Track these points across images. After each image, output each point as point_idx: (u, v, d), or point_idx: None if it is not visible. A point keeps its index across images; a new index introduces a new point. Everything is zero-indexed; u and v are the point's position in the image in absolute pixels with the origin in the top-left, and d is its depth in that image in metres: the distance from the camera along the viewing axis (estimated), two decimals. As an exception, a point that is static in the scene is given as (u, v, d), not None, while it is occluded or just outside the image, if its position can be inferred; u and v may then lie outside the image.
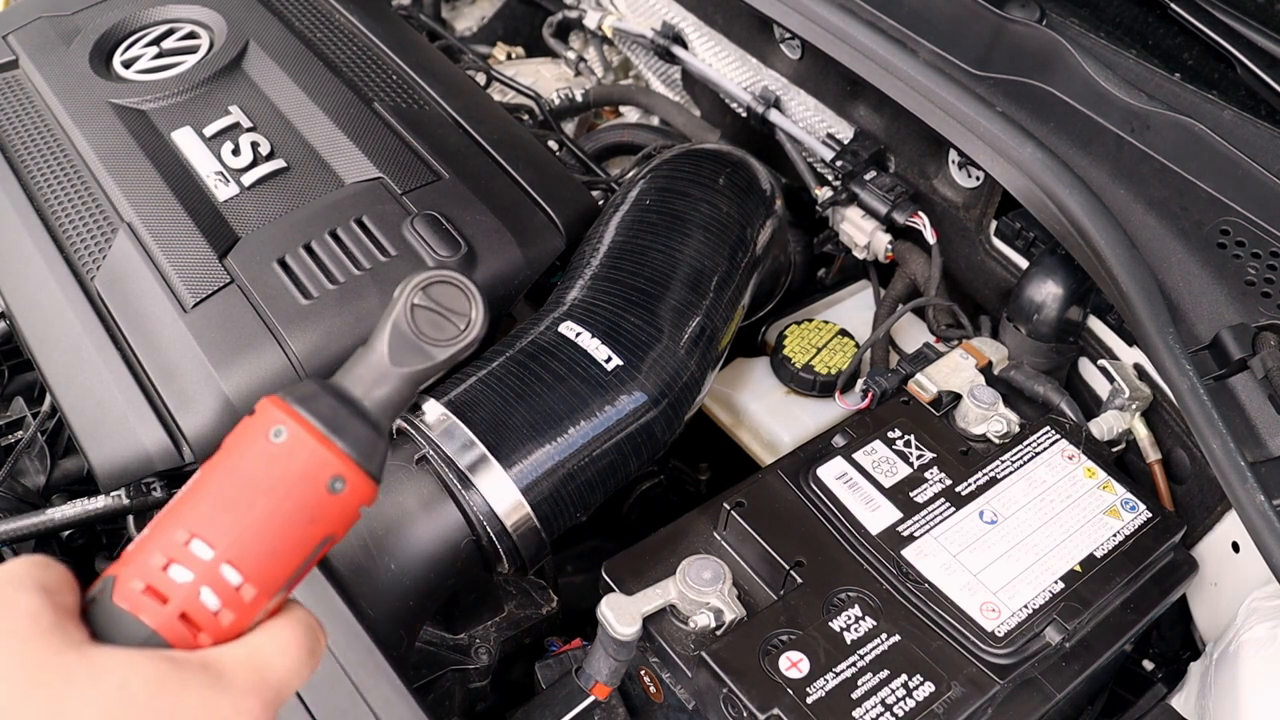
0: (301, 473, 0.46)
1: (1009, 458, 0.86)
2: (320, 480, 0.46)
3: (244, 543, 0.45)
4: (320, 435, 0.46)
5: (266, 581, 0.46)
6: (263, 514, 0.45)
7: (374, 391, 0.49)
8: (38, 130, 1.02)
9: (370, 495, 0.48)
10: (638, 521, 1.07)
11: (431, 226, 0.90)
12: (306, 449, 0.46)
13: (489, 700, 0.88)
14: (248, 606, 0.45)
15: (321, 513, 0.46)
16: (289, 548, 0.46)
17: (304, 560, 0.47)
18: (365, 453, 0.47)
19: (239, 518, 0.45)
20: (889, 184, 1.11)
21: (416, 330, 0.50)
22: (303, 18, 1.15)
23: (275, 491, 0.46)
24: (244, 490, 0.46)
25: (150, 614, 0.44)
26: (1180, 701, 0.86)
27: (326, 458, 0.46)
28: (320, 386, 0.48)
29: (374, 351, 0.50)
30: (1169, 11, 0.98)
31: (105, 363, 0.85)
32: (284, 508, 0.46)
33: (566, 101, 1.42)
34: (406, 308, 0.50)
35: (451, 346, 0.50)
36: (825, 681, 0.70)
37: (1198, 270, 0.85)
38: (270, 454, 0.46)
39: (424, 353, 0.50)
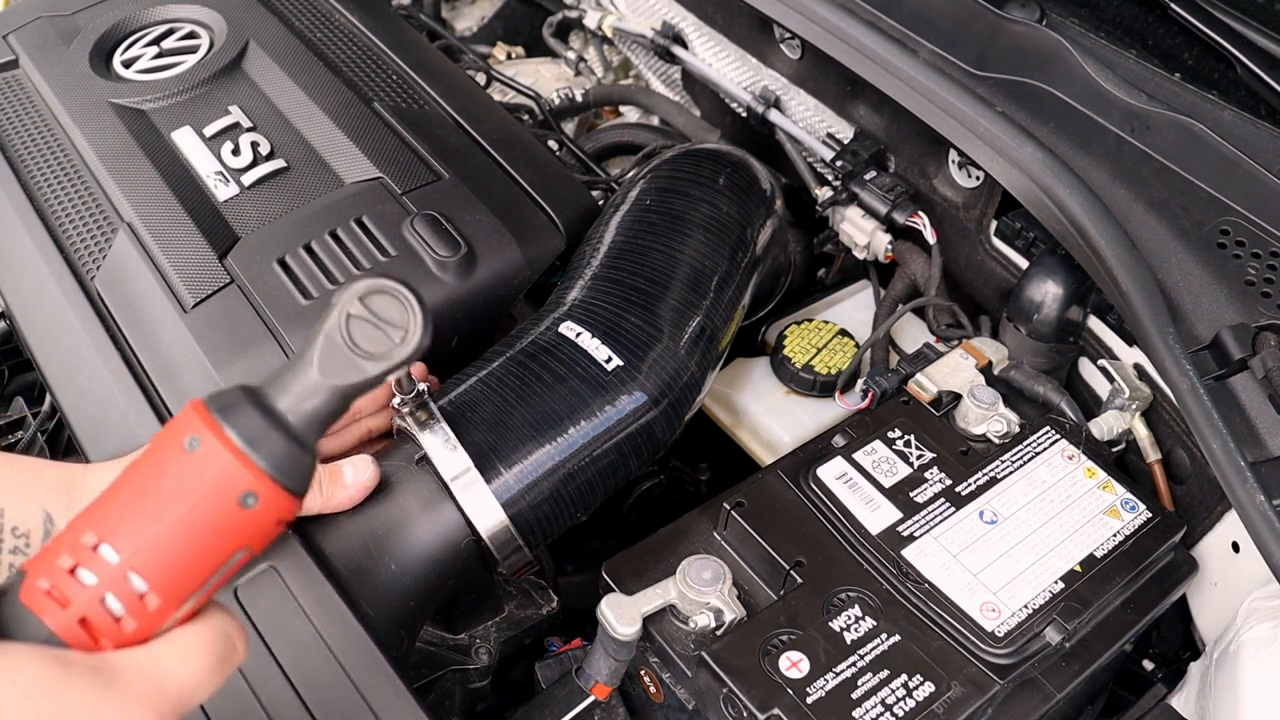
0: (211, 486, 0.45)
1: (1009, 458, 0.86)
2: (231, 494, 0.45)
3: (150, 551, 0.44)
4: (234, 448, 0.45)
5: (172, 591, 0.45)
6: (171, 524, 0.44)
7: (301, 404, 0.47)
8: (38, 130, 1.02)
9: (289, 510, 0.46)
10: (638, 521, 1.07)
11: (431, 226, 0.90)
12: (218, 462, 0.45)
13: (489, 700, 0.88)
14: (152, 615, 0.45)
15: (231, 527, 0.45)
16: (197, 559, 0.45)
17: (214, 571, 0.46)
18: (282, 468, 0.45)
19: (147, 525, 0.44)
20: (889, 184, 1.11)
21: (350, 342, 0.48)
22: (303, 18, 1.15)
23: (184, 502, 0.45)
24: (154, 498, 0.45)
25: (51, 616, 0.44)
26: (1180, 701, 0.86)
27: (238, 472, 0.45)
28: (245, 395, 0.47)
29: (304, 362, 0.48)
30: (1169, 11, 0.98)
31: (105, 363, 0.85)
32: (192, 519, 0.45)
33: (566, 101, 1.42)
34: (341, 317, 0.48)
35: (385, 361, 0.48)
36: (825, 681, 0.70)
37: (1198, 270, 0.85)
38: (183, 463, 0.45)
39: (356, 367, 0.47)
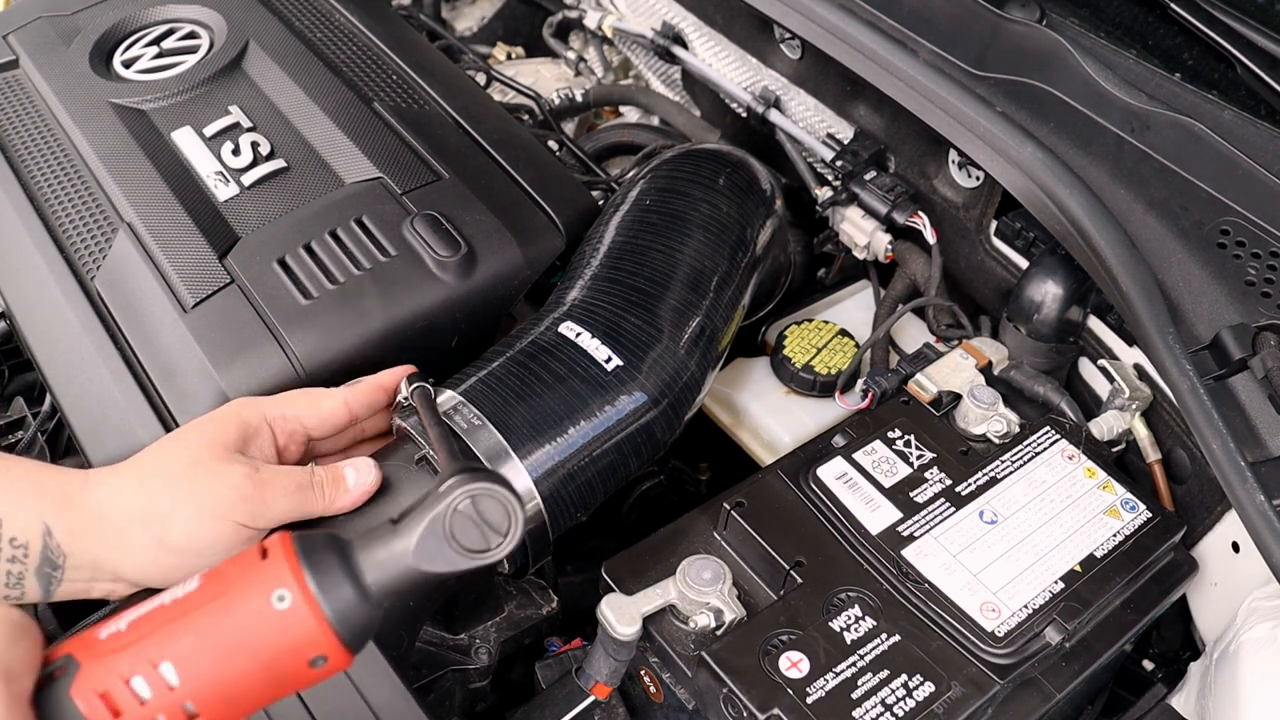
0: (290, 647, 0.46)
1: (1009, 458, 0.86)
2: (305, 657, 0.46)
3: (211, 687, 0.45)
4: (322, 618, 0.46)
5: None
6: (239, 670, 0.46)
7: (384, 577, 0.48)
8: (38, 130, 1.02)
9: (344, 668, 0.47)
10: (638, 521, 1.07)
11: (431, 226, 0.90)
12: (303, 627, 0.46)
13: (489, 700, 0.88)
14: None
15: (295, 680, 0.47)
16: (251, 701, 0.47)
17: (258, 709, 0.47)
18: (357, 637, 0.47)
19: (215, 663, 0.45)
20: (889, 184, 1.11)
21: (450, 535, 0.49)
22: (303, 18, 1.15)
23: (258, 655, 0.46)
24: (231, 639, 0.46)
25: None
26: (1180, 701, 0.86)
27: (319, 639, 0.46)
28: (335, 554, 0.47)
29: (401, 542, 0.49)
30: (1169, 11, 0.98)
31: (105, 363, 0.85)
32: (262, 670, 0.46)
33: (566, 101, 1.42)
34: (449, 511, 0.49)
35: (478, 559, 0.49)
36: (825, 681, 0.70)
37: (1198, 270, 0.85)
38: (268, 616, 0.46)
39: (449, 559, 0.49)
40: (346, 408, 0.76)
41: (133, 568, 0.66)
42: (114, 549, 0.66)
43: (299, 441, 0.75)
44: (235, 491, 0.67)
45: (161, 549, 0.66)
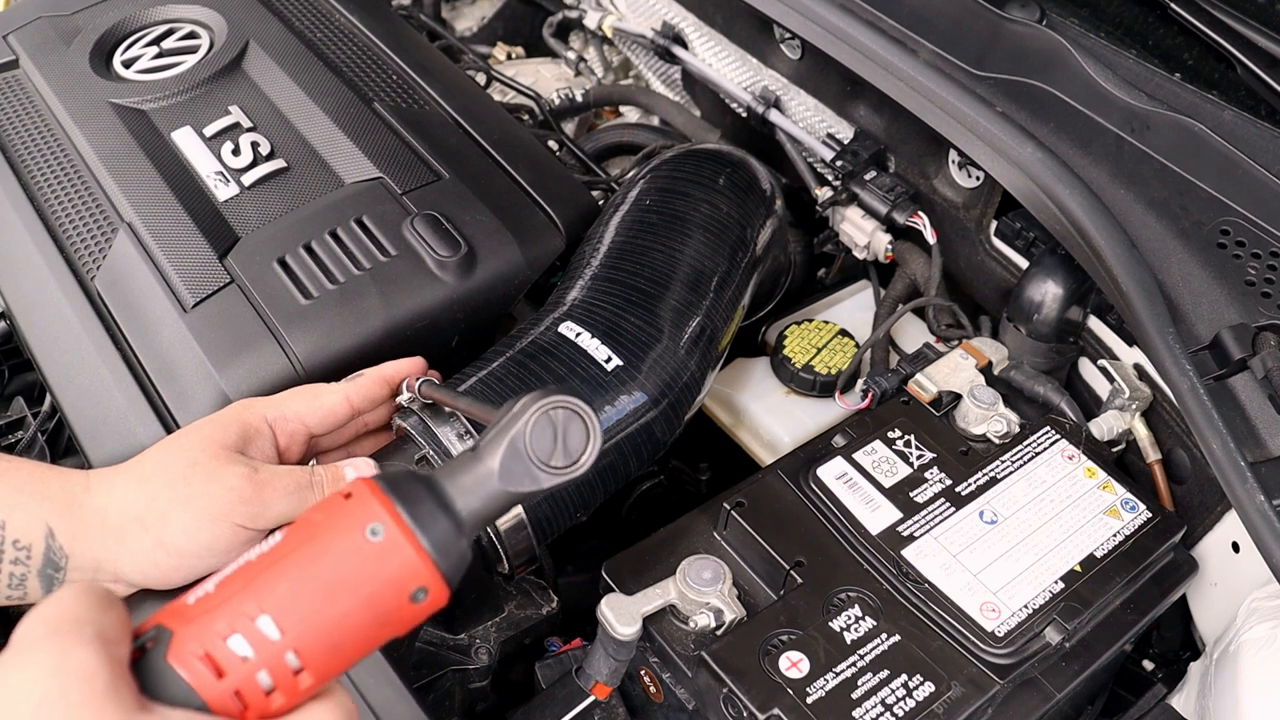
0: (391, 579, 0.45)
1: (1009, 458, 0.86)
2: (406, 589, 0.45)
3: (314, 634, 0.44)
4: (418, 545, 0.45)
5: (325, 672, 0.45)
6: (341, 611, 0.44)
7: (472, 501, 0.48)
8: (38, 130, 1.02)
9: (444, 604, 0.46)
10: (638, 521, 1.07)
11: (431, 226, 0.90)
12: (402, 556, 0.45)
13: (489, 700, 0.88)
14: (300, 693, 0.45)
15: (397, 618, 0.45)
16: (355, 645, 0.45)
17: (363, 655, 0.46)
18: (454, 568, 0.46)
19: (316, 608, 0.44)
20: (889, 184, 1.11)
21: (531, 453, 0.48)
22: (303, 18, 1.15)
23: (360, 591, 0.44)
24: (327, 581, 0.44)
25: (203, 684, 0.44)
26: (1180, 701, 0.86)
27: (419, 569, 0.45)
28: (421, 485, 0.47)
29: (484, 465, 0.48)
30: (1169, 11, 0.98)
31: (105, 363, 0.85)
32: (363, 609, 0.45)
33: (566, 101, 1.42)
34: (527, 427, 0.48)
35: (561, 476, 0.49)
36: (825, 681, 0.70)
37: (1198, 270, 0.85)
38: (364, 551, 0.45)
39: (533, 477, 0.48)
40: (348, 402, 0.76)
41: (132, 568, 0.66)
42: (114, 550, 0.66)
43: (300, 441, 0.75)
44: (234, 493, 0.67)
45: (161, 550, 0.66)
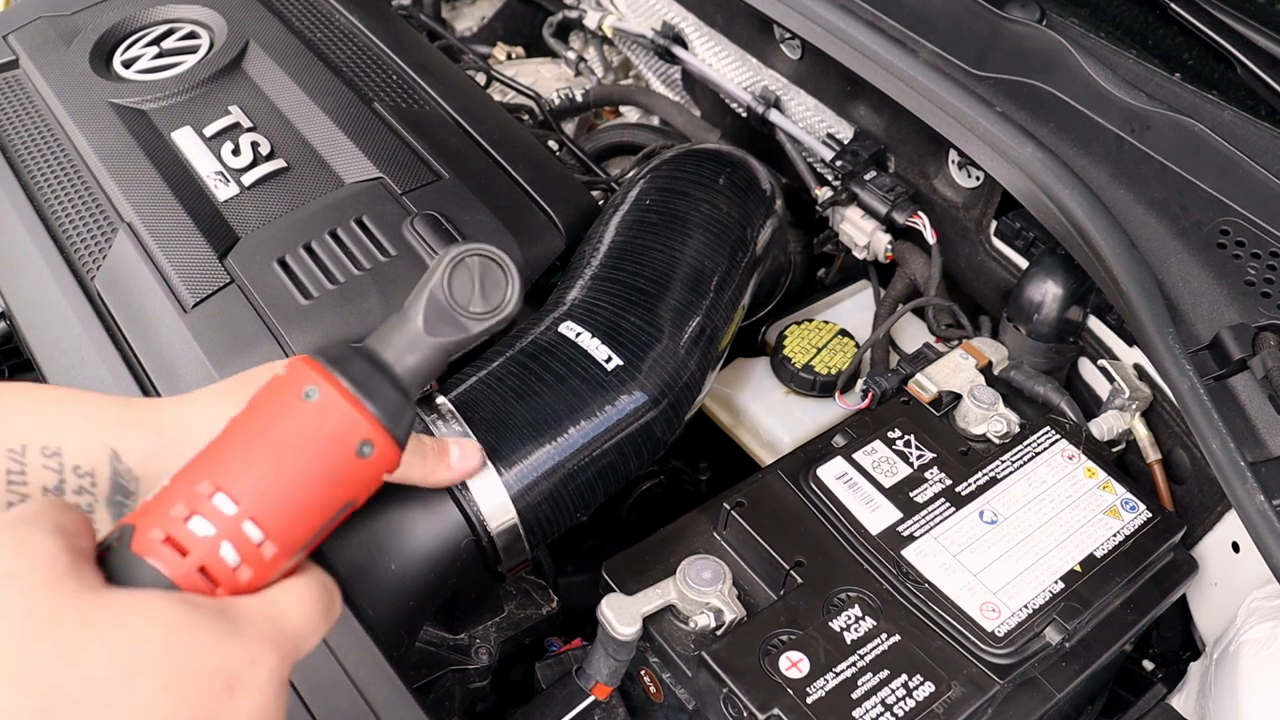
0: (332, 434, 0.46)
1: (1009, 458, 0.86)
2: (350, 443, 0.46)
3: (268, 500, 0.45)
4: (352, 398, 0.46)
5: (287, 541, 0.45)
6: (290, 473, 0.45)
7: (405, 359, 0.49)
8: (38, 130, 1.02)
9: (395, 462, 0.47)
10: (638, 521, 1.07)
11: (431, 226, 0.90)
12: (339, 411, 0.46)
13: (489, 700, 0.88)
14: (267, 564, 0.45)
15: (348, 475, 0.46)
16: (312, 508, 0.46)
17: (325, 523, 0.46)
18: (394, 418, 0.47)
19: (265, 475, 0.45)
20: (889, 184, 1.11)
21: (451, 301, 0.50)
22: (303, 18, 1.15)
23: (305, 451, 0.45)
24: (272, 448, 0.45)
25: (169, 564, 0.44)
26: (1180, 701, 0.86)
27: (358, 421, 0.46)
28: (353, 350, 0.48)
29: (408, 320, 0.49)
30: (1169, 11, 0.98)
31: (105, 363, 0.85)
32: (311, 468, 0.45)
33: (566, 101, 1.42)
34: (444, 278, 0.50)
35: (486, 320, 0.50)
36: (825, 681, 0.70)
37: (1198, 270, 0.85)
38: (302, 413, 0.46)
39: (459, 324, 0.50)
40: None
41: None
42: None
43: None
44: None
45: None
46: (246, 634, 0.43)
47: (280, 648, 0.44)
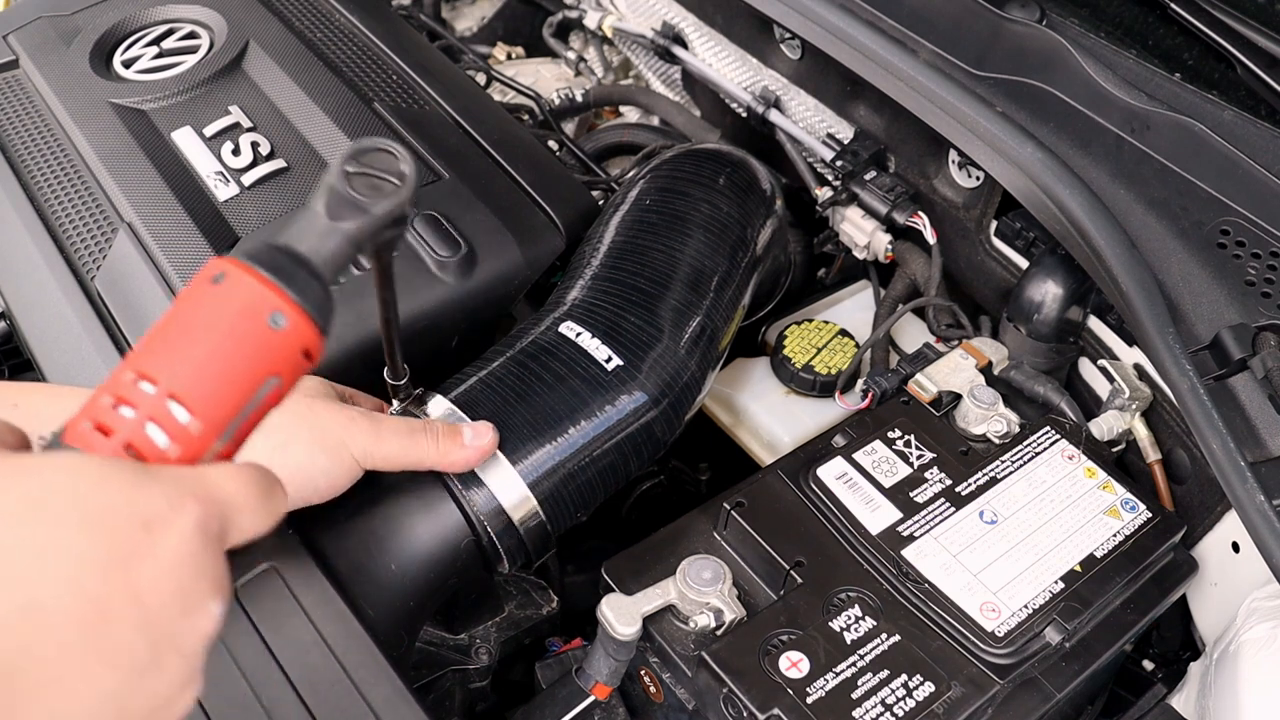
0: (241, 308, 0.47)
1: (1009, 458, 0.86)
2: (260, 315, 0.47)
3: (187, 377, 0.46)
4: (257, 274, 0.48)
5: (211, 416, 0.46)
6: (205, 350, 0.46)
7: (311, 242, 0.51)
8: (38, 130, 1.02)
9: (313, 339, 0.49)
10: (638, 521, 1.07)
11: (431, 226, 0.90)
12: (245, 286, 0.47)
13: (489, 700, 0.88)
14: (195, 440, 0.46)
15: (262, 347, 0.47)
16: (232, 382, 0.47)
17: (248, 399, 0.47)
18: (303, 292, 0.49)
19: (183, 355, 0.46)
20: (889, 184, 1.11)
21: (351, 190, 0.52)
22: (303, 18, 1.15)
23: (218, 328, 0.47)
24: (188, 331, 0.47)
25: (96, 446, 0.44)
26: (1180, 701, 0.86)
27: (264, 293, 0.47)
28: (258, 240, 0.50)
29: (311, 211, 0.51)
30: (1169, 11, 0.98)
31: (105, 363, 0.85)
32: (226, 344, 0.47)
33: (566, 101, 1.42)
34: (340, 173, 0.52)
35: (387, 201, 0.52)
36: (825, 681, 0.70)
37: (1198, 270, 0.85)
38: (213, 296, 0.47)
39: (360, 208, 0.52)
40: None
41: None
42: None
43: None
44: (355, 424, 0.68)
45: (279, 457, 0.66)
46: (165, 482, 0.43)
47: (203, 503, 0.43)
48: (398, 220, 0.54)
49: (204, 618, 0.42)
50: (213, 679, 0.66)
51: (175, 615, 0.41)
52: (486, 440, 0.73)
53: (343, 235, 0.52)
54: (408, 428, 0.71)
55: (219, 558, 0.43)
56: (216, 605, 0.42)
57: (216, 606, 0.42)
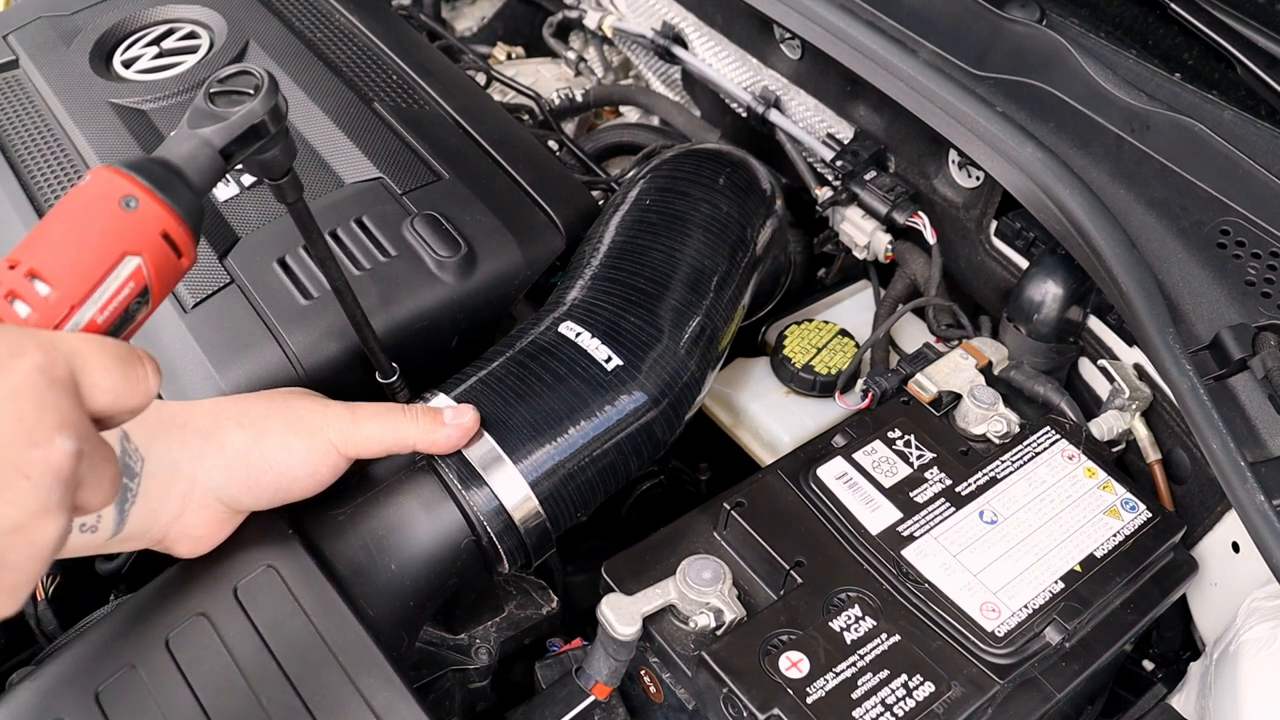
0: (96, 195, 0.53)
1: (1009, 458, 0.86)
2: (112, 199, 0.53)
3: (45, 255, 0.51)
4: (114, 169, 0.54)
5: (67, 286, 0.51)
6: (62, 231, 0.52)
7: (171, 148, 0.58)
8: (38, 130, 1.02)
9: (171, 224, 0.55)
10: (638, 521, 1.07)
11: (431, 226, 0.90)
12: (100, 178, 0.54)
13: (489, 700, 0.88)
14: (51, 307, 0.51)
15: (115, 225, 0.53)
16: (87, 257, 0.52)
17: (106, 272, 0.52)
18: (158, 180, 0.55)
19: (44, 239, 0.52)
20: (889, 184, 1.11)
21: (212, 104, 0.60)
22: (303, 18, 1.15)
23: (74, 213, 0.53)
24: (51, 221, 0.53)
25: None
26: (1180, 701, 0.86)
27: (117, 180, 0.54)
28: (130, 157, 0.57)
29: (176, 128, 0.59)
30: (1169, 11, 0.98)
31: (105, 363, 0.85)
32: (80, 223, 0.53)
33: (566, 101, 1.42)
34: (205, 94, 0.60)
35: (241, 108, 0.59)
36: (825, 681, 0.70)
37: (1198, 270, 0.85)
38: (75, 192, 0.54)
39: (219, 117, 0.59)
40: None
41: (218, 467, 0.67)
42: (198, 448, 0.66)
43: None
44: (331, 409, 0.69)
45: (255, 451, 0.67)
46: (10, 333, 0.46)
47: (47, 351, 0.45)
48: (258, 131, 0.60)
49: (53, 450, 0.44)
50: (213, 678, 0.66)
51: (19, 443, 0.43)
52: (467, 419, 0.73)
53: (199, 138, 0.58)
54: (385, 409, 0.72)
55: (68, 399, 0.46)
56: (66, 441, 0.44)
57: (66, 442, 0.44)
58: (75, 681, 0.66)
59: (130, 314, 0.54)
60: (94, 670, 0.67)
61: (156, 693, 0.65)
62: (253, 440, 0.67)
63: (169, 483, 0.66)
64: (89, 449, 0.46)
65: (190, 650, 0.67)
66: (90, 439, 0.46)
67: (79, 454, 0.45)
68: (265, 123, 0.60)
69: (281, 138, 0.62)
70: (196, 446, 0.67)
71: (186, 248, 0.56)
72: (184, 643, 0.67)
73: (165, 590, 0.70)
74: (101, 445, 0.47)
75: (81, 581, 0.86)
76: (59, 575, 0.86)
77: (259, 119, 0.60)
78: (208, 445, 0.67)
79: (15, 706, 0.66)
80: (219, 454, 0.67)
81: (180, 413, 0.68)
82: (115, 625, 0.69)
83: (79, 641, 0.69)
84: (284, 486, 0.69)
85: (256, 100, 0.60)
